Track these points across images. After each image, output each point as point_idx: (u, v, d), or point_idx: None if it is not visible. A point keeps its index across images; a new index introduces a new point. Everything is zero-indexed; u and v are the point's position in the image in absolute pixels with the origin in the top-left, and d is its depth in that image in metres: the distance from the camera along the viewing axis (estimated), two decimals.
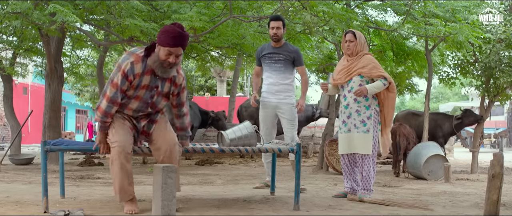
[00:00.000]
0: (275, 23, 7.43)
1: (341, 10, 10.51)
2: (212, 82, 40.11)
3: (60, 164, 6.21)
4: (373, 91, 6.58)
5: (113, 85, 4.95)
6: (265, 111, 7.62)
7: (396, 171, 10.92)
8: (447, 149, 17.89)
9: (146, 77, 5.00)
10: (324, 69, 14.78)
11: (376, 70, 6.63)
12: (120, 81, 4.93)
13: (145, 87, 5.06)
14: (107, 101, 4.97)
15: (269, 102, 7.55)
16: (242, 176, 10.17)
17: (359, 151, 6.60)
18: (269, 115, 7.62)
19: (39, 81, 27.90)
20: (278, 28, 7.41)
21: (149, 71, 4.99)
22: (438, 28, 10.29)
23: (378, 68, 6.66)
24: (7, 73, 14.67)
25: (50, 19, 9.42)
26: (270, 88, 7.54)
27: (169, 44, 4.80)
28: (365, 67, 6.63)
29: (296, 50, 7.58)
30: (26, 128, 28.08)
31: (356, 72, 6.67)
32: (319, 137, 17.73)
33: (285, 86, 7.49)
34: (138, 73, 4.95)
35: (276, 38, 7.44)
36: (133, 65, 4.92)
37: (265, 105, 7.60)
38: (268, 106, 7.58)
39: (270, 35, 7.50)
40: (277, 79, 7.48)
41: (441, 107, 51.28)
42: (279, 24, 7.43)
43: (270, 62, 7.53)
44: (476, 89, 12.69)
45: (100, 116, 5.04)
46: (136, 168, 11.25)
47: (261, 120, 7.68)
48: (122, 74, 4.92)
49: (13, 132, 14.91)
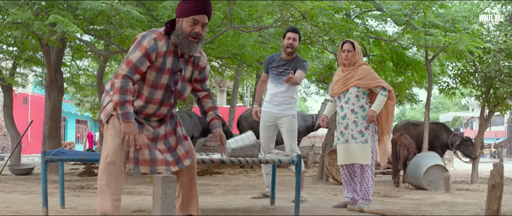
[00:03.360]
0: (292, 35, 7.32)
1: (341, 21, 10.53)
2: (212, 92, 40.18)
3: (60, 174, 6.20)
4: (380, 108, 6.59)
5: (128, 63, 4.31)
6: (265, 121, 7.58)
7: (396, 181, 10.91)
8: (447, 159, 17.89)
9: (169, 59, 4.42)
10: (324, 79, 14.80)
11: (374, 81, 6.63)
12: (138, 60, 4.31)
13: (169, 72, 4.45)
14: (122, 78, 4.28)
15: (270, 112, 7.51)
16: (242, 186, 10.16)
17: (358, 162, 6.60)
18: (269, 125, 7.58)
19: (39, 91, 27.89)
20: (294, 39, 7.30)
21: (172, 52, 4.44)
22: (438, 38, 10.31)
23: (375, 78, 6.67)
24: (7, 83, 14.69)
25: (51, 29, 9.44)
26: (272, 99, 7.50)
27: (193, 12, 4.33)
28: (362, 79, 6.63)
29: (303, 61, 7.46)
30: (26, 138, 28.07)
31: (352, 84, 6.66)
32: (319, 147, 17.72)
33: (288, 98, 7.43)
34: (162, 52, 4.37)
35: (291, 50, 7.32)
36: (156, 42, 4.35)
37: (266, 114, 7.57)
38: (268, 116, 7.54)
39: (285, 46, 7.34)
40: (281, 91, 7.41)
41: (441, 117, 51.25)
42: (295, 36, 7.33)
43: (276, 74, 7.44)
44: (476, 99, 12.69)
45: (118, 97, 4.26)
46: (135, 179, 11.23)
47: (261, 130, 7.64)
48: (143, 51, 4.31)
49: (13, 142, 14.91)
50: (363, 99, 6.68)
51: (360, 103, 6.67)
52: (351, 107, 6.66)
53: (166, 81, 4.46)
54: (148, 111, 4.53)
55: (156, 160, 4.40)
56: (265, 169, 7.79)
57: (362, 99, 6.68)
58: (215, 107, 4.92)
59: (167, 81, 4.46)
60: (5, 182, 10.33)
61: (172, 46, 4.43)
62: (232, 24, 10.10)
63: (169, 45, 4.42)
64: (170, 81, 4.48)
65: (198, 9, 4.34)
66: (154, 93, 4.46)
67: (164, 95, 4.51)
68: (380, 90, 6.61)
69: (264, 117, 7.58)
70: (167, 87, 4.48)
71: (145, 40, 4.33)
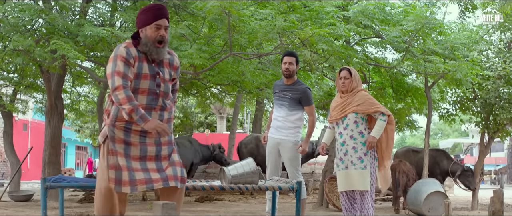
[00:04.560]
0: (288, 59, 7.35)
1: (341, 48, 10.58)
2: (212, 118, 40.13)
3: (59, 201, 6.18)
4: (380, 133, 6.59)
5: (117, 74, 4.42)
6: (269, 147, 7.59)
7: (396, 208, 10.89)
8: (447, 186, 17.85)
9: (144, 65, 4.59)
10: (324, 106, 14.82)
11: (373, 107, 6.65)
12: (123, 68, 4.44)
13: (148, 77, 4.59)
14: (122, 88, 4.39)
15: (273, 138, 7.53)
16: (242, 213, 10.13)
17: (358, 188, 6.58)
18: (272, 152, 7.58)
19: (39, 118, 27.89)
20: (290, 63, 7.32)
21: (144, 59, 4.61)
22: (437, 65, 10.34)
23: (373, 104, 6.68)
24: (8, 110, 14.72)
25: (51, 56, 9.48)
26: (274, 124, 7.52)
27: (154, 18, 4.57)
28: (361, 105, 6.64)
29: (304, 90, 7.41)
30: (26, 164, 28.00)
31: (351, 110, 6.68)
32: (319, 173, 17.69)
33: (288, 123, 7.40)
34: (136, 56, 4.55)
35: (288, 74, 7.34)
36: (128, 49, 4.53)
37: (270, 140, 7.57)
38: (272, 142, 7.55)
39: (283, 70, 7.40)
40: (281, 116, 7.42)
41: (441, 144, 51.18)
42: (292, 60, 7.35)
43: (278, 99, 7.48)
44: (476, 126, 12.71)
45: (129, 105, 4.39)
46: (135, 205, 11.20)
47: (266, 156, 7.66)
48: (123, 59, 4.46)
49: (12, 168, 14.89)
50: (361, 124, 6.69)
51: (359, 129, 6.68)
52: (350, 133, 6.67)
53: (147, 86, 4.58)
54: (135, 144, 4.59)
55: (135, 181, 4.47)
56: (269, 194, 7.76)
57: (361, 125, 6.68)
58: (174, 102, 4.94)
59: (148, 86, 4.58)
60: (4, 208, 10.30)
61: (142, 53, 4.60)
62: (232, 51, 10.14)
63: (140, 52, 4.60)
64: (152, 86, 4.60)
65: (158, 14, 4.58)
66: (136, 98, 4.51)
67: (149, 99, 4.59)
68: (379, 115, 6.62)
69: (268, 142, 7.60)
70: (150, 92, 4.58)
71: (119, 51, 4.50)
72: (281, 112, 7.43)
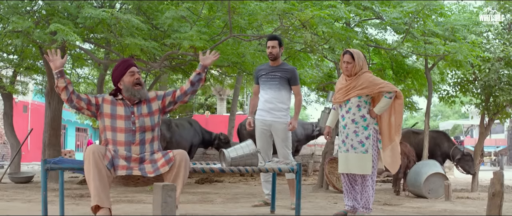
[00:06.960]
0: (271, 43, 7.55)
1: (341, 29, 10.54)
2: (212, 100, 40.09)
3: (60, 182, 6.17)
4: (382, 110, 6.57)
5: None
6: (260, 129, 7.64)
7: (396, 189, 10.91)
8: (447, 168, 17.87)
9: (118, 107, 5.49)
10: (324, 87, 14.81)
11: (376, 87, 6.58)
12: (89, 95, 5.51)
13: (122, 117, 5.45)
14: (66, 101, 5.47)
15: (264, 120, 7.58)
16: (242, 194, 10.15)
17: (357, 172, 6.57)
18: (264, 133, 7.64)
19: (39, 99, 27.90)
20: (273, 47, 7.52)
21: (121, 103, 5.52)
22: (438, 47, 10.31)
23: (377, 84, 6.58)
24: (8, 91, 14.70)
25: (51, 37, 9.46)
26: (265, 106, 7.58)
27: (126, 68, 5.54)
28: (365, 88, 6.57)
29: (292, 69, 7.65)
30: (26, 146, 28.01)
31: (354, 93, 6.62)
32: (319, 155, 17.69)
33: (280, 104, 7.52)
34: (107, 99, 5.52)
35: (272, 57, 7.55)
36: (102, 95, 5.58)
37: (260, 123, 7.63)
38: (263, 124, 7.60)
39: (267, 54, 7.60)
40: (272, 97, 7.51)
41: (441, 125, 51.12)
42: (275, 43, 7.54)
43: (266, 80, 7.59)
44: (476, 107, 12.69)
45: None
46: (135, 187, 11.22)
47: (257, 138, 7.69)
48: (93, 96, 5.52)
49: (13, 150, 14.90)
50: (364, 108, 6.65)
51: (361, 113, 6.64)
52: (352, 116, 6.64)
53: (123, 125, 5.42)
54: (121, 152, 5.34)
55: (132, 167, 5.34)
56: (264, 176, 7.80)
57: (363, 109, 6.64)
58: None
59: (124, 125, 5.42)
60: (4, 190, 10.32)
61: (119, 99, 5.54)
62: (232, 32, 10.11)
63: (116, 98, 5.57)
64: (128, 124, 5.43)
65: (128, 64, 5.59)
66: (115, 136, 5.39)
67: (126, 136, 5.39)
68: (384, 94, 6.58)
69: (258, 125, 7.64)
70: (126, 130, 5.41)
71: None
72: (271, 93, 7.55)
